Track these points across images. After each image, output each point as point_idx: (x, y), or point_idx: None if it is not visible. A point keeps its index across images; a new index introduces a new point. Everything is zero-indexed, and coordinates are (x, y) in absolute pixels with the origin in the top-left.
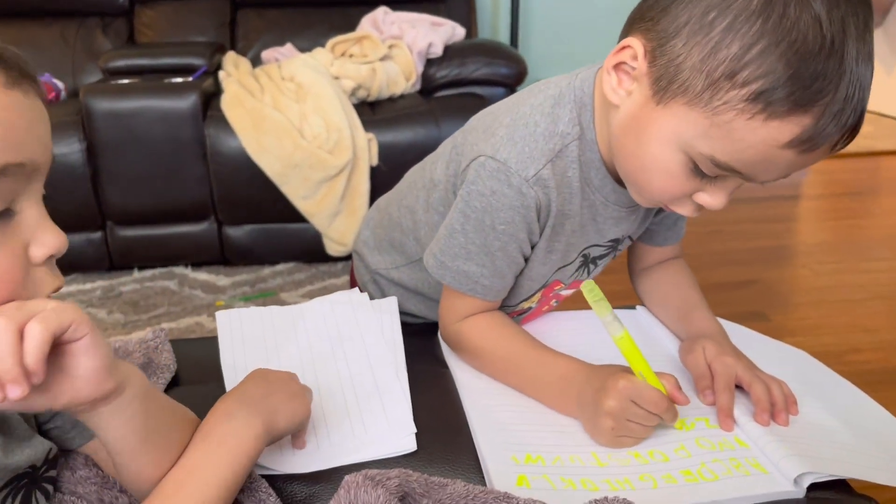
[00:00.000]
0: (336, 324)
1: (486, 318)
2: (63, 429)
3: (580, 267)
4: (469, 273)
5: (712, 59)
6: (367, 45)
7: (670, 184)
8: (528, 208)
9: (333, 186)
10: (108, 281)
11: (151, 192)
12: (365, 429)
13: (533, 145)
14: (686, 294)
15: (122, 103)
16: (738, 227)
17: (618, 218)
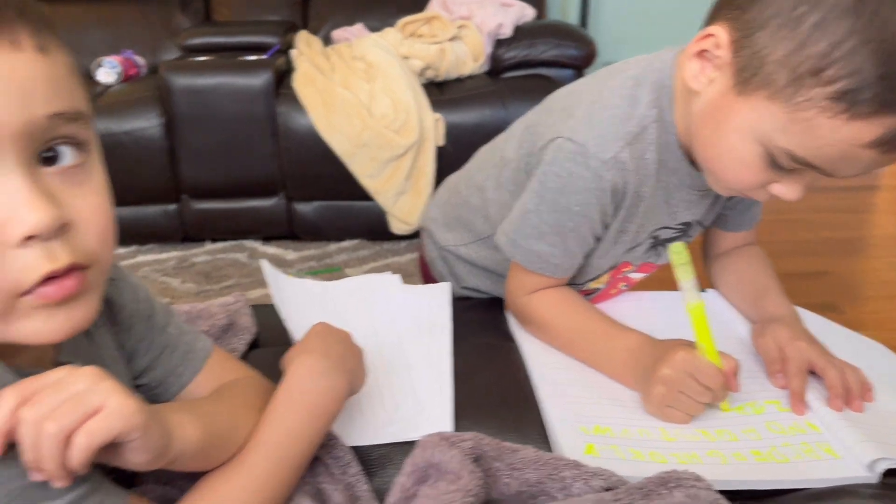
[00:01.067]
0: (369, 302)
1: (555, 293)
2: (150, 386)
3: (649, 249)
4: (540, 252)
5: (798, 55)
6: (436, 26)
7: (746, 174)
8: (604, 191)
9: (400, 166)
10: (182, 252)
11: (224, 167)
12: (398, 409)
13: (611, 127)
14: (760, 278)
15: (200, 80)
16: (811, 216)
17: (690, 201)
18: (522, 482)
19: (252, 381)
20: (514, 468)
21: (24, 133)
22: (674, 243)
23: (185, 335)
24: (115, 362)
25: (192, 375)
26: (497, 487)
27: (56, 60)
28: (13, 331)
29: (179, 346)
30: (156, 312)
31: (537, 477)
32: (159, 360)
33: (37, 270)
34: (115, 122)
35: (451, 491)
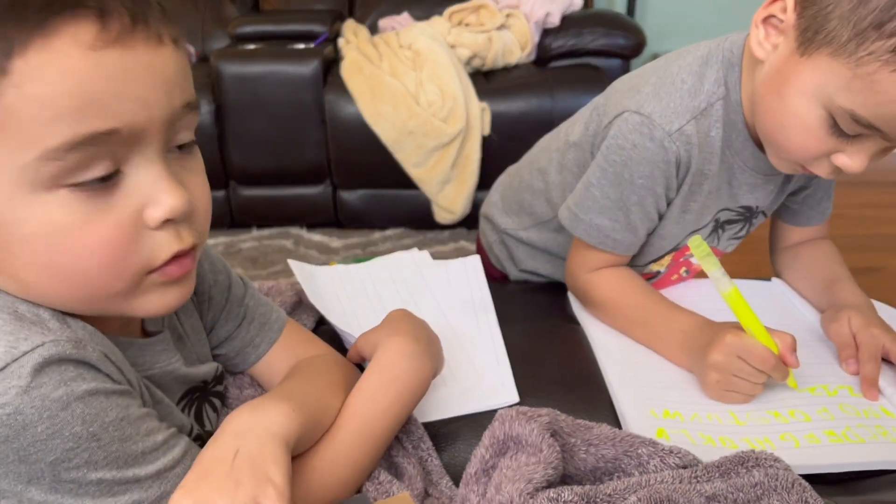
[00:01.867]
0: (405, 279)
1: (616, 272)
2: (228, 356)
3: (711, 232)
4: (601, 227)
5: (862, 9)
6: (483, 14)
7: (809, 141)
8: (669, 163)
9: (445, 154)
10: (229, 237)
11: (272, 154)
12: (458, 382)
13: (678, 101)
14: (831, 266)
15: (249, 68)
16: (861, 211)
17: (753, 185)
18: (599, 458)
19: (331, 358)
20: (591, 444)
21: (168, 122)
22: (692, 237)
23: (261, 306)
24: (197, 332)
25: (268, 346)
26: (573, 462)
27: (183, 52)
28: (134, 305)
29: (256, 316)
30: (233, 284)
31: (613, 453)
32: (238, 331)
33: (168, 250)
34: None
35: (531, 463)
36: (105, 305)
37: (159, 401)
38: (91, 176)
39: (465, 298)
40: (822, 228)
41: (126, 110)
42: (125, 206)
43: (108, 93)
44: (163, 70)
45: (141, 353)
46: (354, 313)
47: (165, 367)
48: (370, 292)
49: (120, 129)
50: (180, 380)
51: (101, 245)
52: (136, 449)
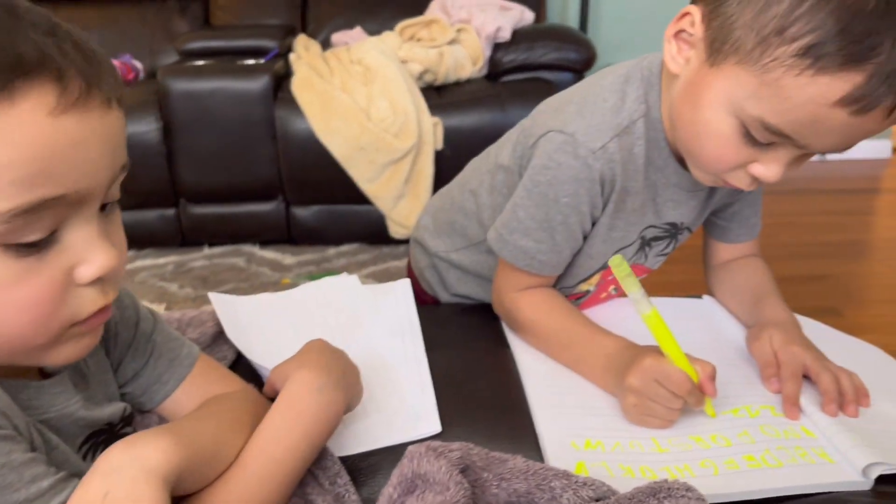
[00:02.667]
0: (332, 306)
1: (541, 293)
2: (135, 394)
3: (638, 250)
4: (527, 248)
5: (763, 16)
6: (435, 30)
7: (724, 151)
8: (593, 181)
9: (398, 170)
10: (180, 256)
11: (223, 171)
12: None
13: (601, 119)
14: (758, 284)
15: (197, 84)
16: (811, 219)
17: (677, 201)
18: (511, 493)
19: (241, 395)
20: (503, 478)
21: (109, 183)
22: (613, 257)
23: (171, 341)
24: (103, 370)
25: (177, 383)
26: (485, 498)
27: (123, 113)
28: (49, 356)
29: (164, 352)
30: (142, 319)
31: (526, 487)
32: (145, 368)
33: (94, 305)
34: None
35: (437, 503)
36: (19, 358)
37: (54, 447)
38: (30, 238)
39: (394, 324)
40: (753, 245)
41: (77, 176)
42: (57, 264)
43: (64, 159)
44: (112, 134)
45: (36, 396)
46: (279, 344)
47: (63, 410)
48: (296, 321)
49: (68, 195)
50: (81, 423)
51: (31, 303)
52: (17, 497)
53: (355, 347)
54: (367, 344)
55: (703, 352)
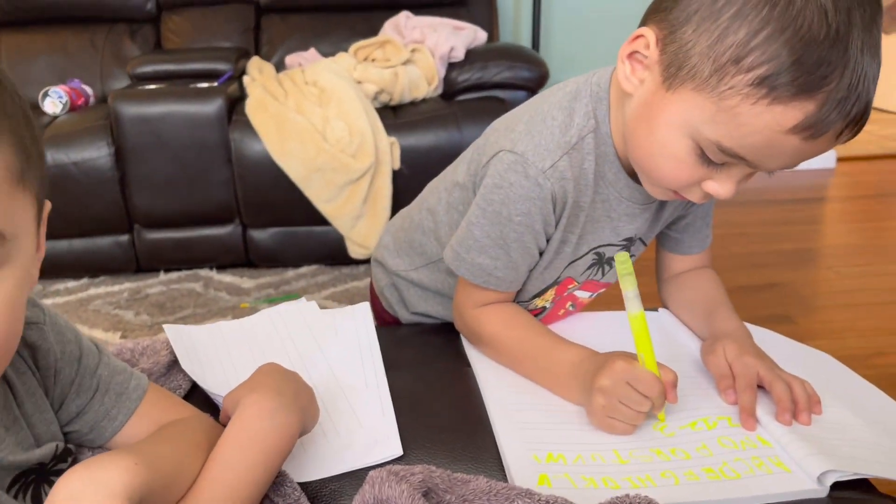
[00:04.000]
0: (291, 333)
1: (501, 307)
2: (82, 431)
3: (592, 265)
4: (483, 265)
5: (720, 45)
6: (389, 50)
7: (679, 170)
8: (545, 200)
9: (356, 190)
10: (136, 283)
11: (177, 196)
12: (339, 437)
13: (549, 137)
14: (711, 295)
15: (150, 108)
16: (761, 229)
17: (631, 214)
18: None
19: (196, 420)
20: (466, 500)
21: None
22: (619, 252)
23: (118, 375)
24: (40, 411)
25: (126, 417)
26: None
27: None
28: None
29: (112, 386)
30: (84, 354)
31: None
32: (91, 404)
33: None
34: (63, 153)
35: None
36: None
37: None
38: None
39: (353, 348)
40: (704, 257)
41: None
42: None
43: None
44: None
45: None
46: (236, 373)
47: None
48: (254, 348)
49: None
50: (11, 466)
51: None
52: None
53: (315, 372)
54: (327, 368)
55: None
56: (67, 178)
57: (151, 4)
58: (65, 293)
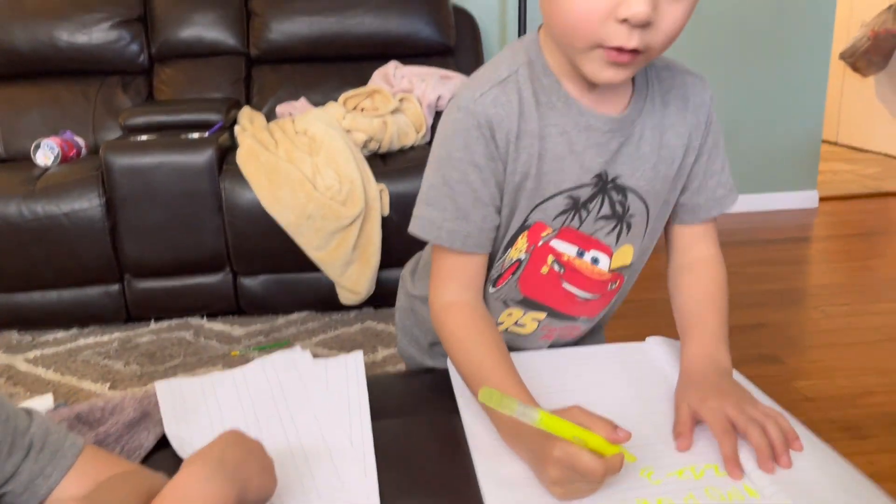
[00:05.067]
0: (282, 384)
1: (468, 312)
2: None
3: (567, 210)
4: (432, 218)
5: None
6: (378, 99)
7: (583, 3)
8: (480, 126)
9: (346, 236)
10: (126, 332)
11: (168, 245)
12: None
13: (481, 77)
14: (697, 309)
15: (141, 159)
16: (748, 269)
17: (598, 145)
18: None
19: (136, 472)
20: None
21: None
22: (480, 391)
23: (52, 435)
24: None
25: (60, 475)
26: None
27: None
28: None
29: (46, 445)
30: (12, 416)
31: None
32: (24, 463)
33: None
34: (55, 204)
35: None
36: None
37: None
38: None
39: (342, 402)
40: (710, 234)
41: None
42: None
43: None
44: None
45: None
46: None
47: None
48: (244, 399)
49: None
50: None
51: None
52: None
53: (302, 427)
54: (314, 423)
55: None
56: (58, 229)
57: (144, 57)
58: (54, 344)
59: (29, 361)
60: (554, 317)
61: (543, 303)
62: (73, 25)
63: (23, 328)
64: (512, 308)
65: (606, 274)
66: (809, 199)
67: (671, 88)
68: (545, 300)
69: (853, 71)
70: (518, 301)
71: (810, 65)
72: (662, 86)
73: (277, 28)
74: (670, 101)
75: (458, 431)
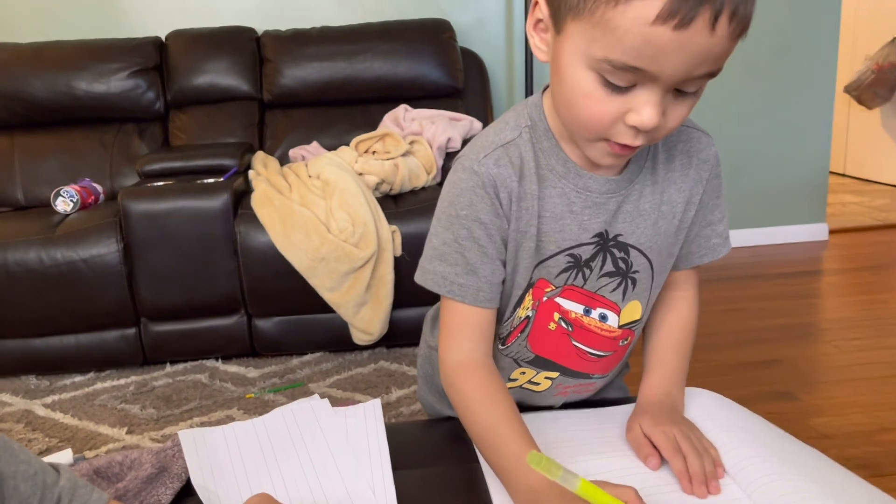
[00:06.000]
0: (302, 433)
1: (484, 373)
2: None
3: (569, 268)
4: (444, 273)
5: None
6: (389, 142)
7: (593, 106)
8: (485, 185)
9: (359, 277)
10: (142, 376)
11: (184, 289)
12: None
13: (485, 140)
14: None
15: (158, 205)
16: (758, 304)
17: (596, 205)
18: None
19: None
20: None
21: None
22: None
23: (80, 489)
24: None
25: None
26: None
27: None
28: None
29: (74, 500)
30: (40, 471)
31: None
32: None
33: None
34: (73, 250)
35: None
36: None
37: None
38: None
39: (362, 448)
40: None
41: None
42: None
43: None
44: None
45: None
46: (247, 477)
47: None
48: (266, 449)
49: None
50: None
51: None
52: None
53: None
54: (336, 474)
55: None
56: (76, 274)
57: (160, 104)
58: (71, 388)
59: (47, 406)
60: (567, 375)
61: (555, 361)
62: (91, 75)
63: (41, 373)
64: (524, 367)
65: (616, 330)
66: (819, 231)
67: (676, 143)
68: (556, 358)
69: (858, 104)
70: (529, 360)
71: (815, 98)
72: (667, 141)
73: (289, 73)
74: (675, 157)
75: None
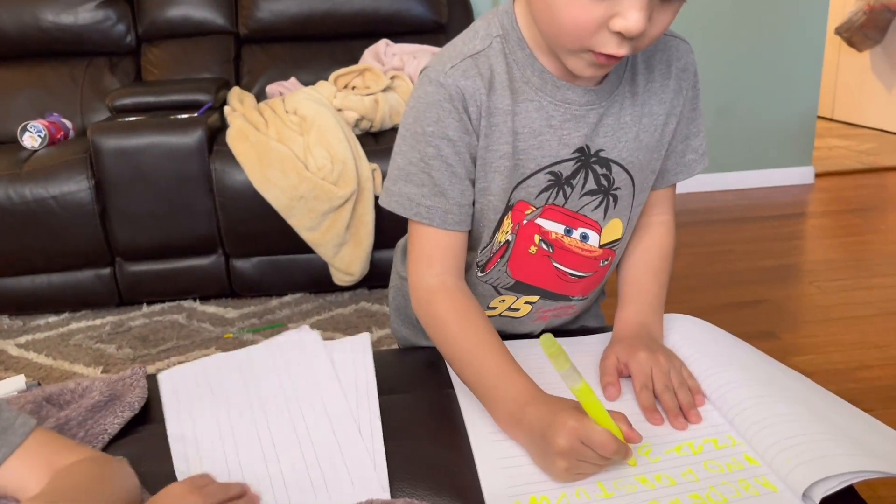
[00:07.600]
0: (289, 367)
1: (456, 295)
2: None
3: (549, 187)
4: (410, 195)
5: None
6: (369, 78)
7: (576, 12)
8: (452, 98)
9: (339, 217)
10: (118, 316)
11: (159, 228)
12: (327, 488)
13: (452, 50)
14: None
15: (129, 141)
16: (744, 246)
17: (576, 118)
18: None
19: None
20: None
21: None
22: (543, 336)
23: (3, 412)
24: None
25: (10, 450)
26: None
27: None
28: None
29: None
30: None
31: None
32: None
33: None
34: (43, 187)
35: None
36: None
37: None
38: None
39: (350, 382)
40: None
41: None
42: None
43: None
44: None
45: None
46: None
47: None
48: (249, 383)
49: None
50: None
51: None
52: None
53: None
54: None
55: None
56: (47, 212)
57: (131, 37)
58: (45, 328)
59: (20, 346)
60: (547, 298)
61: (535, 284)
62: (58, 6)
63: (13, 313)
64: (504, 294)
65: (597, 250)
66: (805, 175)
67: (655, 52)
68: (537, 282)
69: (849, 46)
70: (510, 286)
71: (806, 40)
72: (646, 51)
73: (266, 6)
74: (654, 66)
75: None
